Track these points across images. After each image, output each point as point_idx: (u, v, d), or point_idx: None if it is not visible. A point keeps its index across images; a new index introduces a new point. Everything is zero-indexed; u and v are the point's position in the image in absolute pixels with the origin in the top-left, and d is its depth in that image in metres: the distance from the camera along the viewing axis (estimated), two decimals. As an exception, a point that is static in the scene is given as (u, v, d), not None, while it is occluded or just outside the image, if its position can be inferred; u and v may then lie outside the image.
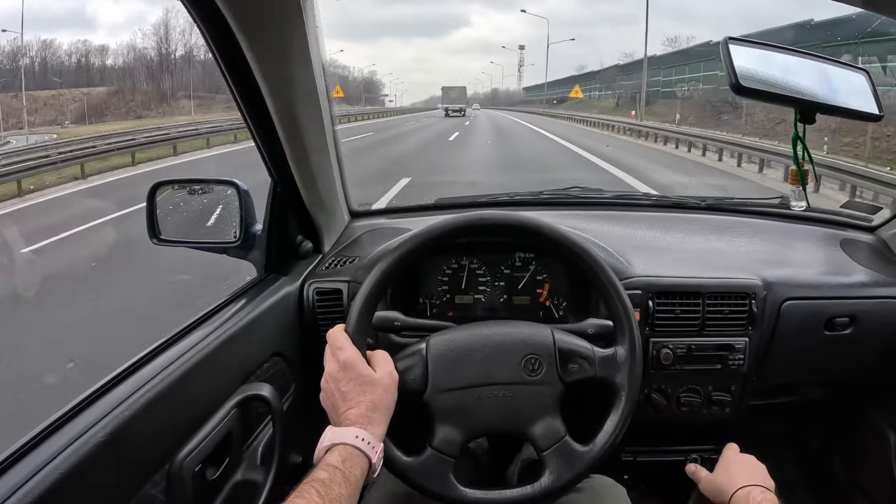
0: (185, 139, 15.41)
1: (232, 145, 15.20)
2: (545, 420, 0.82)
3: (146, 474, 0.72)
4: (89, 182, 10.42)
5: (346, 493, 0.66)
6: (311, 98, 1.02)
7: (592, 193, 1.62)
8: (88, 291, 4.29)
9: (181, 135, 15.73)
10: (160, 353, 0.83)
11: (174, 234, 1.14)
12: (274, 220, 1.12)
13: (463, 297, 1.22)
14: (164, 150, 13.83)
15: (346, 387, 0.76)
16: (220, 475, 0.85)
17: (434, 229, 0.85)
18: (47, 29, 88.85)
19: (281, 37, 0.90)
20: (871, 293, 1.23)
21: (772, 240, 1.40)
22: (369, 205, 1.48)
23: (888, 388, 1.38)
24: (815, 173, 0.98)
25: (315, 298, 1.13)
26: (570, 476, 0.81)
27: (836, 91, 0.93)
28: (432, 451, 0.81)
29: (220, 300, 1.02)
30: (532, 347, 0.84)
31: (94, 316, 3.84)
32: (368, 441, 0.72)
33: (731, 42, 0.85)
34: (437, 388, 0.82)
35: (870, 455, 1.43)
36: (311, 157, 1.09)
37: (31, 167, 9.69)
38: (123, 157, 12.25)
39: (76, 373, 2.72)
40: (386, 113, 44.52)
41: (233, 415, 0.88)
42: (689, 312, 1.14)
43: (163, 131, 16.43)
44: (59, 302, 4.09)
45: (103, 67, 46.23)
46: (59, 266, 4.92)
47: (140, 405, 0.71)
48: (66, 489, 0.60)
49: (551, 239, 0.86)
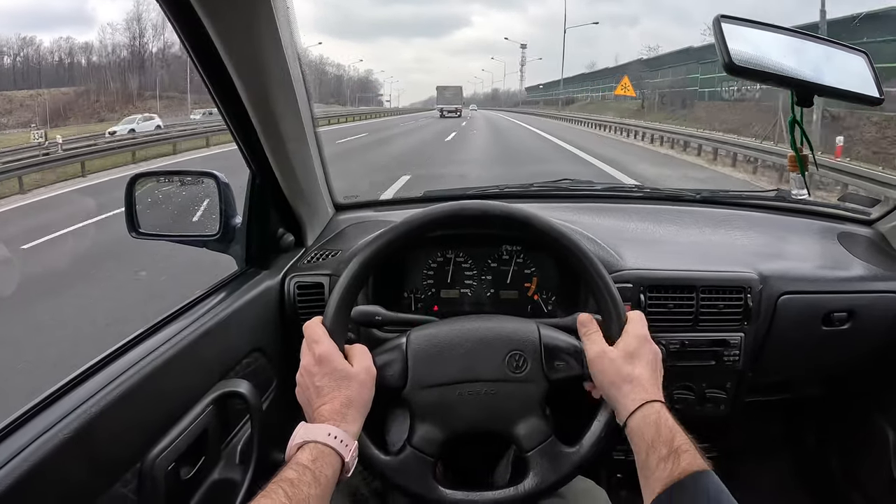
0: (147, 145, 14.15)
1: (204, 150, 14.55)
2: (529, 419, 0.79)
3: (116, 472, 0.70)
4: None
5: (316, 493, 0.63)
6: (284, 83, 0.98)
7: (583, 186, 1.60)
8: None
9: (143, 141, 14.73)
10: (133, 347, 0.80)
11: (153, 228, 1.11)
12: (253, 212, 1.09)
13: (449, 292, 1.19)
14: (123, 157, 12.75)
15: (321, 381, 0.73)
16: (194, 474, 0.83)
17: (415, 219, 0.82)
18: (37, 26, 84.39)
19: (246, 14, 0.86)
20: (869, 287, 1.21)
21: (768, 233, 1.37)
22: (355, 197, 1.45)
23: (887, 384, 1.36)
24: (814, 159, 0.95)
25: (296, 292, 1.11)
26: (555, 478, 0.78)
27: (835, 73, 0.89)
28: (412, 449, 0.78)
29: (197, 294, 0.99)
30: (516, 343, 0.80)
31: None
32: (341, 439, 0.68)
33: (723, 20, 0.81)
34: (417, 384, 0.79)
35: (868, 453, 1.41)
36: (288, 146, 1.06)
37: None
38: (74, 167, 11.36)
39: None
40: (379, 114, 43.40)
41: (209, 412, 0.85)
42: (682, 307, 1.12)
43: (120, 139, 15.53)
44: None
45: (76, 65, 44.03)
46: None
47: (110, 400, 0.69)
48: (31, 486, 0.58)
49: (538, 229, 0.82)
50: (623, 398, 0.73)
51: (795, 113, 0.89)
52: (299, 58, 1.00)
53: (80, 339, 3.38)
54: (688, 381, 1.17)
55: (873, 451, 1.38)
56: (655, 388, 0.73)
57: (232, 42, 0.86)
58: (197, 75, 0.92)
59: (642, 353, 0.75)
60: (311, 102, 1.09)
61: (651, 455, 0.67)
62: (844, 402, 1.48)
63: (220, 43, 0.85)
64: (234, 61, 0.88)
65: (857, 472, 1.46)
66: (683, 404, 1.17)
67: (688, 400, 1.17)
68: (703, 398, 1.18)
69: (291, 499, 0.60)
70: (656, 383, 0.74)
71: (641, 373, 0.73)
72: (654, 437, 0.68)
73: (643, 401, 0.71)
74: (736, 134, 15.25)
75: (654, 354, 0.77)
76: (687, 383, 1.17)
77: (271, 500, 0.59)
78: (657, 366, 0.76)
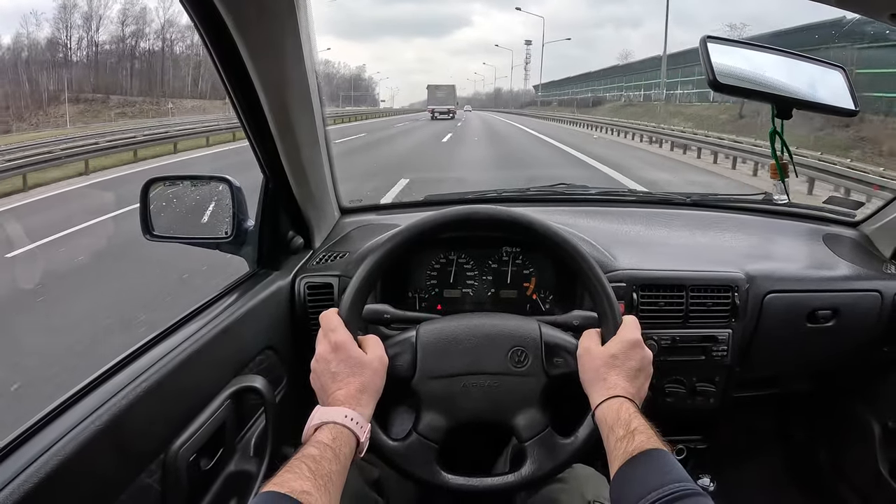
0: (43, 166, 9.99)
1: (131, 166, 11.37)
2: (528, 411, 0.84)
3: (142, 463, 0.73)
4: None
5: (336, 469, 0.67)
6: (303, 95, 1.04)
7: (578, 190, 1.64)
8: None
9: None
10: (154, 345, 0.84)
11: (167, 230, 1.14)
12: (266, 215, 1.13)
13: (451, 291, 1.24)
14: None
15: (337, 367, 0.77)
16: (213, 465, 0.87)
17: (428, 221, 0.87)
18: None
19: (275, 34, 0.92)
20: (853, 286, 1.26)
21: (756, 235, 1.42)
22: (360, 201, 1.49)
23: (871, 379, 1.41)
24: (794, 167, 1.01)
25: (306, 293, 1.15)
26: (552, 466, 0.83)
27: (813, 87, 0.96)
28: (417, 436, 0.83)
29: (212, 294, 1.03)
30: (519, 339, 0.86)
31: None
32: (357, 421, 0.73)
33: (709, 40, 0.87)
34: (425, 375, 0.84)
35: (855, 446, 1.46)
36: (302, 153, 1.11)
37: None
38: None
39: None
40: (371, 115, 39.99)
41: (226, 406, 0.89)
42: (672, 305, 1.17)
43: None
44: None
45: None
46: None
47: (136, 395, 0.72)
48: (64, 477, 0.61)
49: (540, 233, 0.87)
50: (594, 393, 0.79)
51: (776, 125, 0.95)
52: (316, 70, 1.05)
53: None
54: (679, 375, 1.22)
55: (860, 445, 1.43)
56: (628, 390, 0.78)
57: (260, 60, 0.91)
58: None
59: (627, 358, 0.80)
60: (323, 109, 1.14)
61: (611, 437, 0.73)
62: (831, 398, 1.53)
63: (250, 59, 0.90)
64: (260, 76, 0.93)
65: (845, 465, 1.51)
66: (675, 397, 1.23)
67: (679, 393, 1.23)
68: (694, 391, 1.23)
69: (315, 473, 0.64)
70: (632, 386, 0.79)
71: (617, 376, 0.79)
72: (614, 422, 0.73)
73: (610, 395, 0.77)
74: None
75: (641, 360, 0.81)
76: (678, 377, 1.22)
77: (295, 473, 0.63)
78: (643, 371, 0.81)
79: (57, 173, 10.43)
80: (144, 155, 12.59)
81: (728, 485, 1.39)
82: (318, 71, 1.07)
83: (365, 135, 18.56)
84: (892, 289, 1.25)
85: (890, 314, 1.25)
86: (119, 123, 20.46)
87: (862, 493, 1.45)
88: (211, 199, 1.16)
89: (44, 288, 4.58)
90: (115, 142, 12.91)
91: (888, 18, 0.85)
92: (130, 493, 0.71)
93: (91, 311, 4.05)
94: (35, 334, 3.71)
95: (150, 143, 13.44)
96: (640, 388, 0.80)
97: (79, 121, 30.62)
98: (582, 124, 25.59)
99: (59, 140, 14.04)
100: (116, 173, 10.99)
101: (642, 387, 0.80)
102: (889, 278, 1.28)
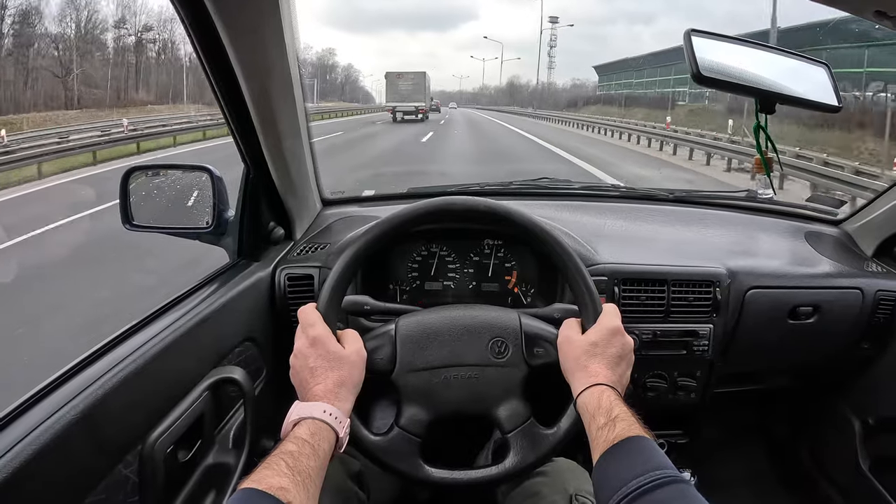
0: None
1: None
2: (510, 402, 0.83)
3: (119, 454, 0.73)
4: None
5: (315, 465, 0.66)
6: (285, 85, 1.03)
7: (561, 184, 1.64)
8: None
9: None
10: (132, 335, 0.83)
11: (147, 221, 1.13)
12: (247, 206, 1.12)
13: (433, 284, 1.23)
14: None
15: (315, 362, 0.77)
16: (192, 457, 0.86)
17: (405, 213, 0.86)
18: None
19: (257, 23, 0.90)
20: (834, 283, 1.27)
21: (738, 231, 1.43)
22: (342, 193, 1.49)
23: (851, 375, 1.43)
24: (779, 162, 1.01)
25: (286, 284, 1.14)
26: (535, 458, 0.83)
27: (797, 83, 0.96)
28: (399, 430, 0.82)
29: (192, 284, 1.02)
30: (499, 330, 0.85)
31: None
32: (336, 416, 0.73)
33: (693, 34, 0.87)
34: (405, 368, 0.83)
35: (835, 441, 1.48)
36: (283, 143, 1.10)
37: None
38: None
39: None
40: (344, 112, 34.04)
41: (205, 397, 0.88)
42: (654, 299, 1.17)
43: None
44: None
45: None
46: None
47: (112, 385, 0.71)
48: (38, 468, 0.60)
49: (519, 224, 0.87)
50: (575, 381, 0.79)
51: (760, 119, 0.95)
52: (298, 59, 1.04)
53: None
54: (660, 370, 1.23)
55: (840, 440, 1.45)
56: (610, 377, 0.78)
57: (242, 46, 0.90)
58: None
59: (608, 345, 0.80)
60: (306, 101, 1.13)
61: (592, 425, 0.73)
62: (812, 393, 1.55)
63: (230, 46, 0.89)
64: (241, 63, 0.92)
65: (825, 460, 1.53)
66: (657, 392, 1.23)
67: (660, 388, 1.23)
68: (675, 386, 1.24)
69: (293, 469, 0.63)
70: (614, 374, 0.78)
71: (598, 364, 0.78)
72: (595, 410, 0.73)
73: (592, 384, 0.76)
74: None
75: (622, 347, 0.81)
76: (659, 371, 1.23)
77: (273, 470, 0.62)
78: (624, 358, 0.81)
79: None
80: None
81: (709, 479, 1.39)
82: (300, 60, 1.05)
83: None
84: (873, 286, 1.27)
85: (870, 312, 1.27)
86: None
87: (842, 487, 1.46)
88: (193, 189, 1.15)
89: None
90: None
91: (872, 15, 0.85)
92: (107, 485, 0.70)
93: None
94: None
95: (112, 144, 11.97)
96: (621, 375, 0.80)
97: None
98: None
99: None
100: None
101: (624, 374, 0.80)
102: (870, 276, 1.29)
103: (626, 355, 0.81)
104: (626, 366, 0.81)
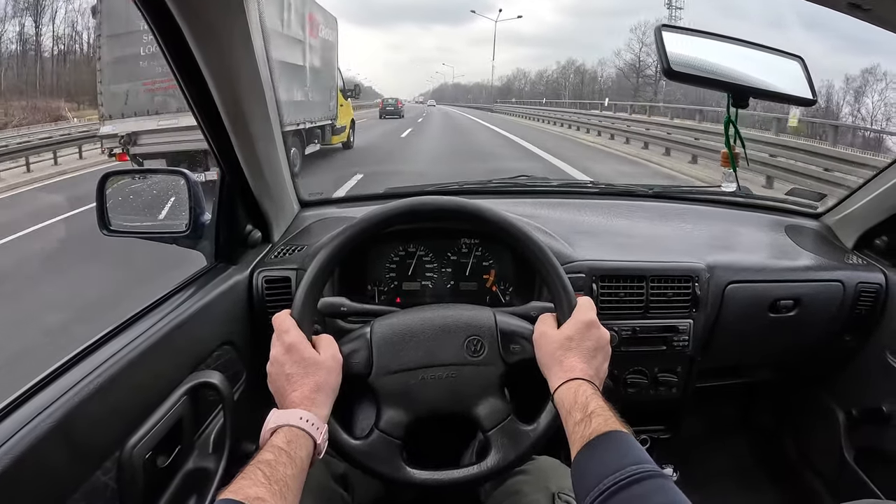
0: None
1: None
2: (489, 400, 0.83)
3: (97, 461, 0.72)
4: None
5: (292, 473, 0.66)
6: (255, 87, 1.02)
7: (539, 182, 1.64)
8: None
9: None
10: (108, 341, 0.82)
11: (123, 225, 1.12)
12: (223, 209, 1.11)
13: (410, 284, 1.23)
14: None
15: (291, 369, 0.76)
16: (171, 463, 0.85)
17: (374, 215, 0.86)
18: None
19: (222, 25, 0.89)
20: (814, 276, 1.27)
21: (718, 226, 1.43)
22: (320, 194, 1.48)
23: (834, 367, 1.44)
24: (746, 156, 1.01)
25: (264, 287, 1.13)
26: (515, 455, 0.82)
27: (770, 76, 0.96)
28: (379, 433, 0.82)
29: (168, 289, 1.01)
30: (474, 329, 0.85)
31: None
32: (313, 422, 0.72)
33: (664, 29, 0.87)
34: (382, 370, 0.83)
35: (819, 434, 1.49)
36: (257, 145, 1.08)
37: None
38: None
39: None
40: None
41: (183, 402, 0.87)
42: (633, 295, 1.17)
43: None
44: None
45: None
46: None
47: (89, 391, 0.71)
48: (15, 476, 0.59)
49: (491, 222, 0.87)
50: (552, 376, 0.78)
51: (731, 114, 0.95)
52: (269, 62, 1.03)
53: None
54: (640, 366, 1.23)
55: (824, 432, 1.46)
56: (586, 371, 0.77)
57: (208, 47, 0.89)
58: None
59: (583, 339, 0.79)
60: (278, 104, 1.12)
61: (569, 421, 0.72)
62: (796, 386, 1.55)
63: (197, 48, 0.88)
64: (209, 66, 0.91)
65: (810, 452, 1.53)
66: (637, 388, 1.23)
67: (641, 384, 1.23)
68: (656, 382, 1.24)
69: (270, 478, 0.63)
70: (590, 367, 0.78)
71: (573, 358, 0.78)
72: (571, 406, 0.73)
73: (568, 378, 0.76)
74: None
75: (598, 340, 0.80)
76: (640, 367, 1.23)
77: (250, 480, 0.62)
78: (600, 351, 0.80)
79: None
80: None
81: (694, 473, 1.40)
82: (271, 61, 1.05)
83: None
84: (853, 279, 1.27)
85: (851, 304, 1.27)
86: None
87: (827, 478, 1.47)
88: (170, 194, 1.14)
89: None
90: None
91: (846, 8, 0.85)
92: (85, 492, 0.69)
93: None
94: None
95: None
96: (598, 368, 0.79)
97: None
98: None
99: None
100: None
101: (601, 367, 0.80)
102: (851, 268, 1.30)
103: (602, 348, 0.81)
104: (603, 358, 0.81)
